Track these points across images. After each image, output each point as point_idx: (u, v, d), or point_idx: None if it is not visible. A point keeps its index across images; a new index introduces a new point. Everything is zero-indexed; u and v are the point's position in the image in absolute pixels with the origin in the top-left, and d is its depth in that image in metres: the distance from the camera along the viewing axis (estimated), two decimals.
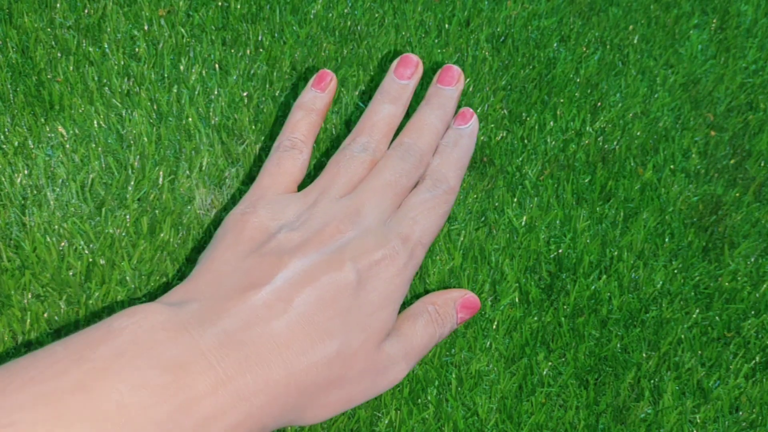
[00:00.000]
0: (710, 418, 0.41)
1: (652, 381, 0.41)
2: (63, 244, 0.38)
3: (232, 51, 0.44)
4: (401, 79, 0.38)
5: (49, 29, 0.44)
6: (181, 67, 0.43)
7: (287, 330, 0.27)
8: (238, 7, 0.45)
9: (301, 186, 0.38)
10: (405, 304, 0.38)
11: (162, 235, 0.39)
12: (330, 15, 0.46)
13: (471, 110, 0.40)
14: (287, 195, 0.34)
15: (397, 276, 0.32)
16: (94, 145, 0.41)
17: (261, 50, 0.44)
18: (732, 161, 0.48)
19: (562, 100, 0.47)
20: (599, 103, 0.47)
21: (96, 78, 0.43)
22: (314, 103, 0.38)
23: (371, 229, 0.32)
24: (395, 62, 0.40)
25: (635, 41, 0.50)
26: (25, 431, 0.22)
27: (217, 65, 0.43)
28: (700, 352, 0.43)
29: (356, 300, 0.29)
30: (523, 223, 0.42)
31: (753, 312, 0.44)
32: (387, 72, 0.40)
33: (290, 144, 0.36)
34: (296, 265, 0.29)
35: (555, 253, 0.42)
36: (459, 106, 0.42)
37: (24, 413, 0.23)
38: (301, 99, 0.39)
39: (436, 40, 0.46)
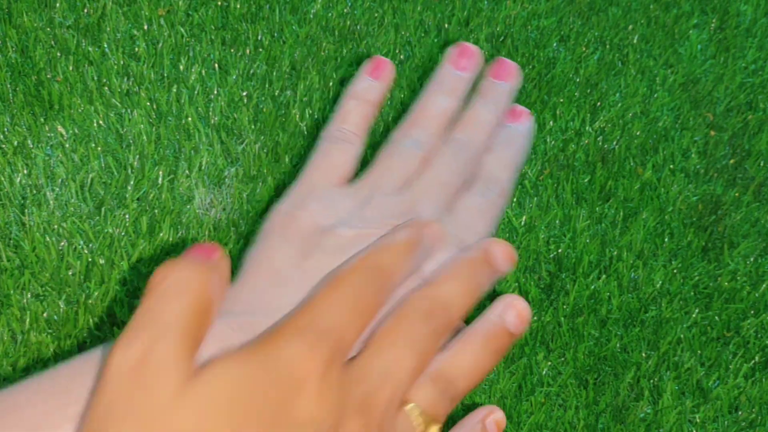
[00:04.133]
0: (710, 418, 0.41)
1: (651, 381, 0.41)
2: (62, 243, 0.38)
3: (232, 51, 0.44)
4: (459, 70, 0.38)
5: (48, 29, 0.44)
6: (181, 67, 0.43)
7: None
8: (238, 6, 0.45)
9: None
10: None
11: (161, 234, 0.39)
12: (329, 15, 0.46)
13: (524, 108, 0.40)
14: (338, 189, 0.34)
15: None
16: (93, 145, 0.41)
17: (260, 50, 0.44)
18: (731, 161, 0.48)
19: (561, 100, 0.47)
20: (599, 103, 0.47)
21: (95, 78, 0.43)
22: (369, 92, 0.38)
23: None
24: (452, 51, 0.39)
25: (635, 41, 0.50)
26: None
27: (216, 65, 0.43)
28: (699, 351, 0.43)
29: None
30: (522, 223, 0.42)
31: (752, 312, 0.44)
32: (442, 61, 0.39)
33: (341, 135, 0.36)
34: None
35: (554, 253, 0.42)
36: None
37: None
38: (354, 87, 0.39)
39: (436, 40, 0.46)
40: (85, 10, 0.44)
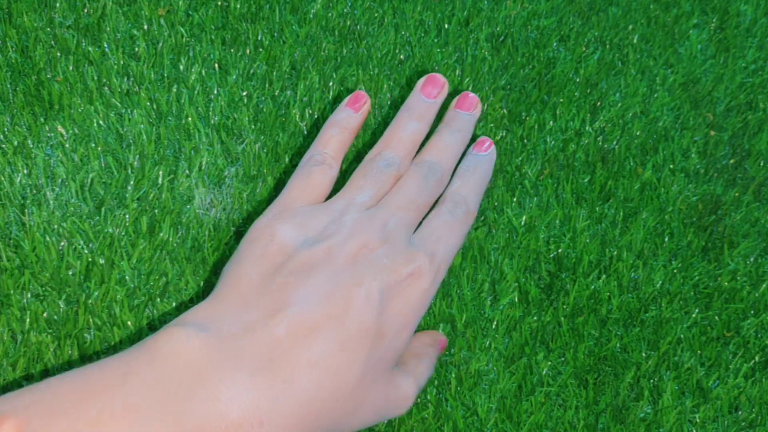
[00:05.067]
0: (709, 418, 0.41)
1: (651, 380, 0.41)
2: (62, 243, 0.38)
3: (232, 50, 0.44)
4: (428, 98, 0.39)
5: (48, 29, 0.44)
6: (181, 67, 0.43)
7: (308, 361, 0.27)
8: (238, 6, 0.45)
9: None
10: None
11: (161, 234, 0.39)
12: (329, 14, 0.46)
13: (489, 139, 0.41)
14: (314, 206, 0.34)
15: (419, 299, 0.32)
16: (93, 145, 0.41)
17: (260, 50, 0.44)
18: (731, 161, 0.48)
19: (561, 100, 0.47)
20: (599, 103, 0.47)
21: (95, 77, 0.43)
22: (348, 122, 0.38)
23: (397, 246, 0.32)
24: (422, 80, 0.40)
25: (635, 41, 0.50)
26: None
27: (216, 65, 0.43)
28: (699, 351, 0.43)
29: (378, 324, 0.29)
30: (522, 223, 0.42)
31: (752, 311, 0.44)
32: (413, 89, 0.40)
33: (321, 158, 0.36)
34: (320, 285, 0.29)
35: (554, 253, 0.42)
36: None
37: None
38: (334, 116, 0.39)
39: (436, 40, 0.46)
40: (85, 10, 0.44)
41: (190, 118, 0.41)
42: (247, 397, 0.26)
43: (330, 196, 0.38)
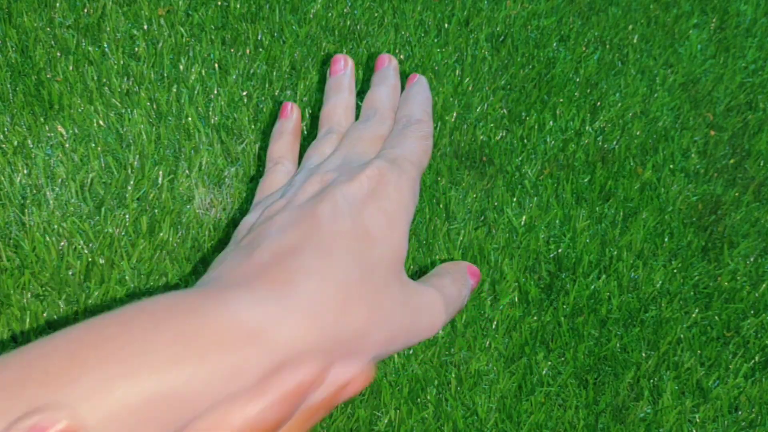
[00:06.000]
0: (709, 418, 0.41)
1: (651, 380, 0.41)
2: (62, 243, 0.38)
3: (232, 50, 0.44)
4: (337, 73, 0.39)
5: (48, 29, 0.44)
6: (181, 67, 0.43)
7: (300, 268, 0.27)
8: (238, 6, 0.45)
9: None
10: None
11: (161, 234, 0.39)
12: (329, 14, 0.46)
13: (416, 74, 0.41)
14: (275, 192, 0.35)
15: (394, 190, 0.32)
16: (93, 145, 0.41)
17: (260, 50, 0.44)
18: (731, 161, 0.48)
19: (561, 100, 0.47)
20: (599, 103, 0.47)
21: (95, 77, 0.43)
22: (284, 127, 0.39)
23: (353, 165, 0.32)
24: (330, 64, 0.40)
25: (635, 41, 0.50)
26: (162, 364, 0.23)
27: (216, 65, 0.43)
28: (699, 351, 0.43)
29: (359, 226, 0.29)
30: (522, 223, 0.42)
31: (752, 311, 0.44)
32: (327, 77, 0.40)
33: (275, 161, 0.37)
34: (287, 217, 0.29)
35: (554, 253, 0.42)
36: (451, 105, 0.42)
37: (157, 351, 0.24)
38: (273, 130, 0.40)
39: (436, 40, 0.46)
40: (85, 10, 0.44)
41: (190, 118, 0.41)
42: (257, 309, 0.26)
43: None
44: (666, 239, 0.45)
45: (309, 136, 0.43)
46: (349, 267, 0.32)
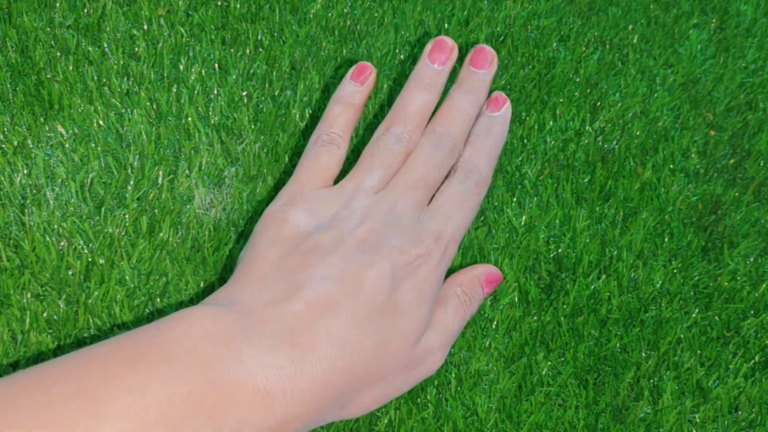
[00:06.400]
0: (709, 418, 0.41)
1: (651, 381, 0.41)
2: (62, 243, 0.38)
3: (232, 50, 0.44)
4: (435, 65, 0.38)
5: (48, 28, 0.44)
6: (181, 67, 0.43)
7: (326, 333, 0.27)
8: (238, 6, 0.45)
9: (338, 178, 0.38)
10: None
11: (161, 234, 0.39)
12: (329, 14, 0.46)
13: (504, 95, 0.40)
14: (324, 190, 0.34)
15: (431, 274, 0.32)
16: (93, 145, 0.41)
17: (260, 50, 0.44)
18: (731, 161, 0.48)
19: (561, 100, 0.47)
20: (599, 103, 0.47)
21: (95, 77, 0.43)
22: (353, 97, 0.38)
23: (406, 228, 0.32)
24: (429, 46, 0.39)
25: (635, 41, 0.50)
26: (61, 424, 0.23)
27: (216, 65, 0.43)
28: (699, 351, 0.43)
29: (391, 301, 0.29)
30: (522, 223, 0.42)
31: (752, 311, 0.44)
32: (420, 56, 0.39)
33: (328, 139, 0.36)
34: (335, 265, 0.29)
35: (554, 253, 0.42)
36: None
37: (60, 408, 0.23)
38: (339, 92, 0.39)
39: None
40: (85, 10, 0.44)
41: (190, 118, 0.41)
42: (272, 365, 0.26)
43: (342, 174, 0.38)
44: (666, 239, 0.45)
45: (309, 136, 0.43)
46: (369, 339, 0.32)
